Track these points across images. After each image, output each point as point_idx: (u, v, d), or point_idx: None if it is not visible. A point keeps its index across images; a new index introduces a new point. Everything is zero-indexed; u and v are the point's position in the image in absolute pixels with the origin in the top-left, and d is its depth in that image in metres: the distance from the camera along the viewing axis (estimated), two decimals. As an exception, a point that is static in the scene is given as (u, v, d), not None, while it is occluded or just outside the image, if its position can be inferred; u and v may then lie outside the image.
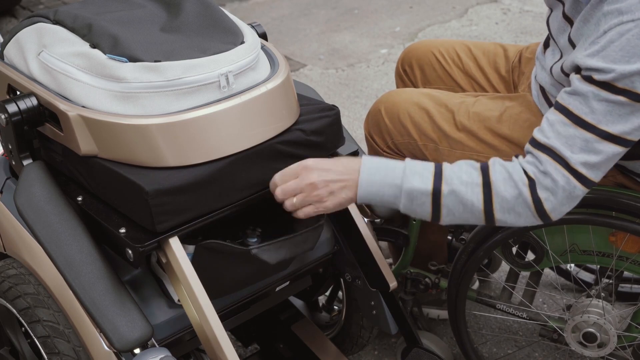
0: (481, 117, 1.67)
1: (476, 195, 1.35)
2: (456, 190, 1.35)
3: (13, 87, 1.45)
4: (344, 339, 1.92)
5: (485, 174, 1.36)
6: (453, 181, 1.36)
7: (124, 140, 1.30)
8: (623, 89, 1.26)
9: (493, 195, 1.35)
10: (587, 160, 1.31)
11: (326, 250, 1.66)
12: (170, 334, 1.44)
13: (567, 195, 1.33)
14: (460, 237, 1.85)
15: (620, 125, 1.29)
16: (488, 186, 1.35)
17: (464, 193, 1.35)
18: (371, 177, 1.38)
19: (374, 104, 1.85)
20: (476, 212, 1.37)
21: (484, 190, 1.35)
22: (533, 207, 1.34)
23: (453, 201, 1.36)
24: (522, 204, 1.34)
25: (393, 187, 1.37)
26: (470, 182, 1.35)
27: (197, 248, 1.35)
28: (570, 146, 1.31)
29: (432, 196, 1.36)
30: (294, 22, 4.44)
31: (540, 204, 1.34)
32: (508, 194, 1.34)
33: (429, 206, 1.37)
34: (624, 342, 1.66)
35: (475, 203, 1.35)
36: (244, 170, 1.35)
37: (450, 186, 1.36)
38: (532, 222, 1.38)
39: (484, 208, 1.36)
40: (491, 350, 2.09)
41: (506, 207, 1.35)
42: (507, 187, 1.34)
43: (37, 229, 1.33)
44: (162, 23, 1.42)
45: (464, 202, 1.36)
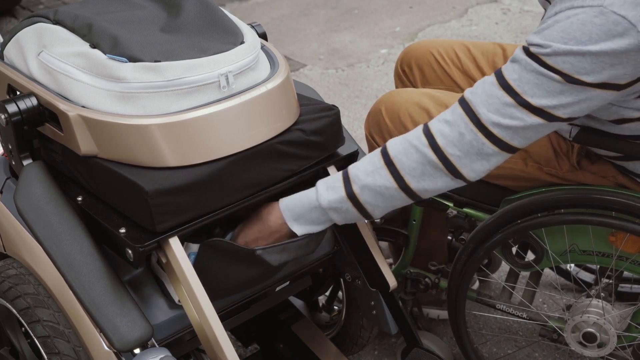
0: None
1: (385, 178, 1.36)
2: (366, 184, 1.37)
3: (13, 87, 1.45)
4: (344, 339, 1.92)
5: (384, 154, 1.37)
6: (359, 178, 1.38)
7: (124, 140, 1.30)
8: (553, 67, 1.26)
9: (399, 170, 1.35)
10: (500, 122, 1.30)
11: (326, 250, 1.66)
12: (170, 334, 1.44)
13: (475, 151, 1.33)
14: (460, 237, 1.85)
15: (545, 100, 1.28)
16: (391, 164, 1.36)
17: (373, 183, 1.37)
18: (295, 213, 1.42)
19: (375, 104, 1.85)
20: (395, 194, 1.37)
21: (390, 169, 1.36)
22: (441, 165, 1.34)
23: (369, 195, 1.38)
24: (429, 165, 1.34)
25: (316, 210, 1.42)
26: (374, 170, 1.37)
27: (202, 246, 1.35)
28: (488, 105, 1.31)
29: (350, 200, 1.40)
30: (294, 22, 4.44)
31: (447, 161, 1.34)
32: (412, 160, 1.35)
33: (354, 209, 1.41)
34: (624, 342, 1.66)
35: (389, 185, 1.37)
36: (244, 170, 1.35)
37: (359, 183, 1.38)
38: (450, 183, 1.37)
39: (399, 186, 1.36)
40: (491, 350, 2.09)
41: (417, 175, 1.35)
42: (408, 155, 1.35)
43: (37, 229, 1.33)
44: (162, 23, 1.42)
45: (379, 192, 1.37)
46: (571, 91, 1.28)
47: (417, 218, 1.85)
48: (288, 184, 1.44)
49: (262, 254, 1.35)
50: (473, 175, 1.37)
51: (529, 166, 1.62)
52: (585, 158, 1.59)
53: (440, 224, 1.88)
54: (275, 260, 1.38)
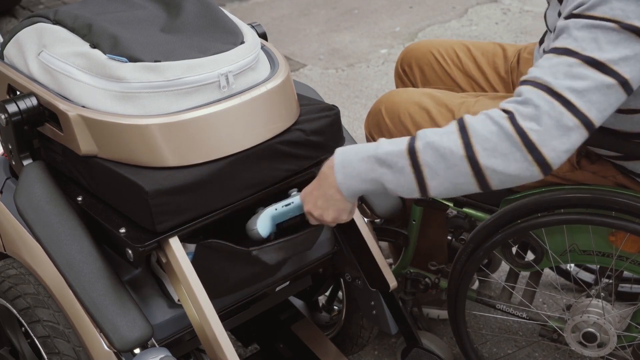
0: None
1: (453, 140, 1.23)
2: (431, 141, 1.25)
3: (13, 87, 1.45)
4: (344, 339, 1.92)
5: (460, 120, 1.26)
6: (426, 134, 1.26)
7: (124, 140, 1.30)
8: (603, 17, 1.21)
9: (471, 137, 1.22)
10: (572, 86, 1.21)
11: (326, 250, 1.66)
12: (170, 334, 1.44)
13: (554, 123, 1.21)
14: (460, 237, 1.85)
15: (606, 53, 1.22)
16: (464, 129, 1.24)
17: (439, 142, 1.24)
18: (343, 158, 1.32)
19: (375, 104, 1.85)
20: (459, 163, 1.23)
21: (461, 133, 1.23)
22: (519, 140, 1.20)
23: (431, 155, 1.24)
24: (505, 139, 1.21)
25: (366, 160, 1.29)
26: (444, 132, 1.25)
27: (198, 247, 1.35)
28: (554, 73, 1.23)
29: (408, 156, 1.26)
30: (294, 22, 4.44)
31: (525, 136, 1.20)
32: (486, 130, 1.22)
33: (410, 169, 1.26)
34: (624, 342, 1.66)
35: (455, 150, 1.23)
36: (244, 170, 1.35)
37: (424, 139, 1.25)
38: (526, 166, 1.22)
39: (466, 153, 1.22)
40: (491, 350, 2.09)
41: (489, 148, 1.21)
42: (484, 125, 1.23)
43: (37, 229, 1.33)
44: (162, 23, 1.42)
45: (442, 154, 1.24)
46: (628, 41, 1.21)
47: (417, 218, 1.85)
48: (288, 184, 1.44)
49: (258, 254, 1.35)
50: (553, 155, 1.21)
51: (529, 166, 1.61)
52: (585, 158, 1.59)
53: (440, 224, 1.88)
54: (272, 259, 1.38)
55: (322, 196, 1.35)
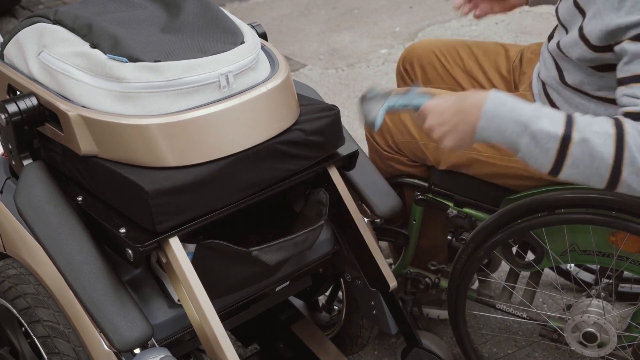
0: None
1: (608, 147, 1.22)
2: (588, 139, 1.23)
3: (13, 87, 1.45)
4: (344, 339, 1.92)
5: (618, 126, 1.24)
6: (585, 129, 1.24)
7: (124, 140, 1.30)
8: None
9: (624, 151, 1.21)
10: None
11: (326, 250, 1.66)
12: (170, 334, 1.44)
13: None
14: (461, 237, 1.85)
15: None
16: (621, 140, 1.22)
17: (595, 143, 1.23)
18: (496, 109, 1.30)
19: (375, 104, 1.85)
20: (602, 169, 1.24)
21: (617, 143, 1.22)
22: None
23: (582, 151, 1.24)
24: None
25: (518, 124, 1.28)
26: (603, 133, 1.23)
27: (198, 247, 1.35)
28: None
29: (560, 142, 1.25)
30: (294, 22, 4.44)
31: None
32: (639, 150, 1.21)
33: (554, 153, 1.26)
34: (624, 342, 1.66)
35: (606, 156, 1.23)
36: (244, 170, 1.35)
37: (583, 134, 1.24)
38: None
39: (613, 164, 1.23)
40: (491, 350, 2.09)
41: (636, 169, 1.22)
42: (638, 142, 1.22)
43: (37, 229, 1.33)
44: (162, 23, 1.42)
45: (593, 154, 1.23)
46: None
47: (417, 218, 1.85)
48: (288, 184, 1.44)
49: (258, 255, 1.35)
50: None
51: (530, 165, 1.61)
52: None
53: (441, 224, 1.88)
54: (272, 259, 1.37)
55: (452, 124, 1.34)
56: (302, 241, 1.43)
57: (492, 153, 1.65)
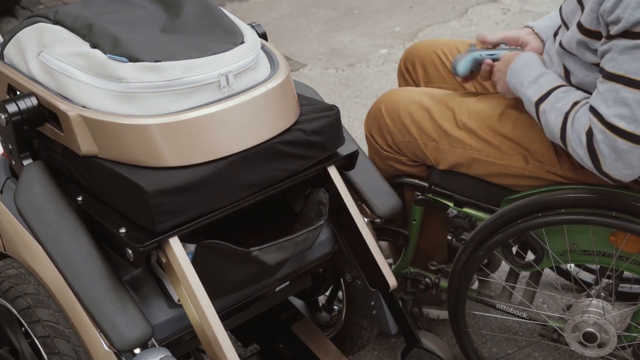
0: (482, 116, 1.67)
1: (557, 123, 1.47)
2: (546, 111, 1.49)
3: (13, 87, 1.45)
4: (344, 339, 1.92)
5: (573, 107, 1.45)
6: (549, 103, 1.49)
7: (124, 140, 1.30)
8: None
9: (567, 130, 1.45)
10: (620, 112, 1.35)
11: (326, 250, 1.66)
12: (170, 334, 1.44)
13: (611, 149, 1.37)
14: (461, 237, 1.85)
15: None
16: (566, 119, 1.45)
17: (548, 116, 1.48)
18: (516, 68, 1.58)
19: (374, 103, 1.85)
20: (557, 138, 1.48)
21: (563, 121, 1.45)
22: (588, 158, 1.42)
23: (543, 119, 1.50)
24: (580, 147, 1.42)
25: (521, 85, 1.55)
26: (560, 110, 1.47)
27: (198, 247, 1.35)
28: (605, 100, 1.37)
29: (534, 107, 1.52)
30: (294, 22, 4.44)
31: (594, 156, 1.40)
32: (573, 133, 1.43)
33: (534, 113, 1.53)
34: (624, 342, 1.66)
35: (555, 130, 1.47)
36: (244, 170, 1.35)
37: (546, 105, 1.49)
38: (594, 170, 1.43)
39: (560, 136, 1.47)
40: (491, 350, 2.09)
41: (574, 144, 1.43)
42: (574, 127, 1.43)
43: (37, 229, 1.33)
44: (162, 24, 1.42)
45: (548, 124, 1.49)
46: None
47: (417, 218, 1.85)
48: (288, 184, 1.44)
49: (258, 255, 1.35)
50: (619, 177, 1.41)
51: (530, 164, 1.62)
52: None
53: (441, 224, 1.88)
54: (272, 259, 1.37)
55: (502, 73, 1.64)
56: (302, 241, 1.43)
57: (492, 152, 1.65)
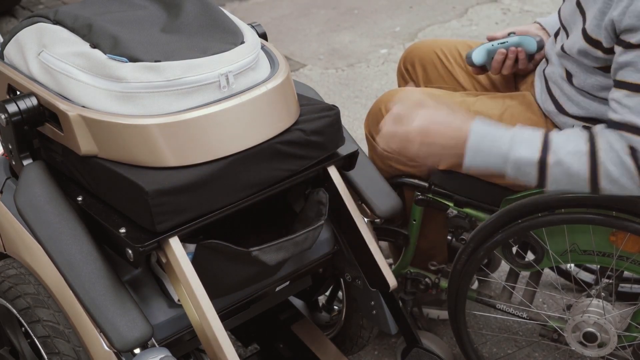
0: (482, 116, 1.67)
1: (582, 165, 1.33)
2: (562, 160, 1.33)
3: (13, 87, 1.45)
4: (344, 339, 1.92)
5: (592, 142, 1.33)
6: (560, 151, 1.34)
7: (124, 140, 1.30)
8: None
9: (599, 165, 1.32)
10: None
11: (326, 250, 1.66)
12: (170, 334, 1.44)
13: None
14: (461, 237, 1.85)
15: None
16: (594, 156, 1.32)
17: (569, 164, 1.33)
18: (478, 146, 1.39)
19: (375, 103, 1.85)
20: (581, 183, 1.35)
21: (590, 159, 1.32)
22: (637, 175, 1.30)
23: (559, 172, 1.34)
24: (627, 175, 1.31)
25: (499, 156, 1.38)
26: (576, 152, 1.33)
27: (198, 247, 1.35)
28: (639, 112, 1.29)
29: (538, 167, 1.35)
30: (294, 22, 4.44)
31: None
32: (612, 164, 1.31)
33: (535, 175, 1.37)
34: (624, 342, 1.66)
35: (581, 173, 1.33)
36: (244, 170, 1.35)
37: (557, 156, 1.34)
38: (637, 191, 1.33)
39: (590, 178, 1.34)
40: (491, 350, 2.09)
41: (612, 180, 1.32)
42: (611, 158, 1.31)
43: (37, 229, 1.33)
44: (162, 24, 1.42)
45: (570, 173, 1.34)
46: None
47: (417, 218, 1.85)
48: (288, 184, 1.44)
49: (258, 255, 1.35)
50: None
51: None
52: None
53: (441, 224, 1.88)
54: (272, 259, 1.37)
55: (437, 155, 1.45)
56: (302, 241, 1.43)
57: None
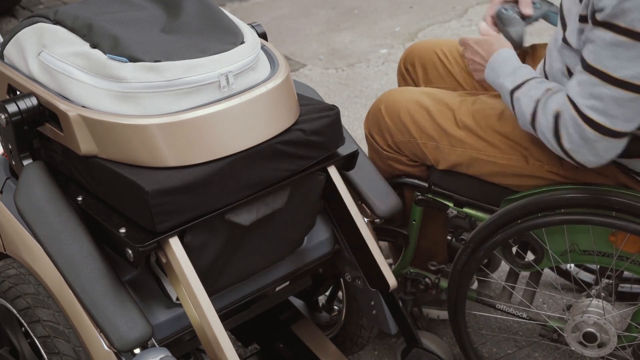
0: (482, 115, 1.67)
1: (529, 107, 1.50)
2: (520, 98, 1.53)
3: (13, 87, 1.45)
4: (344, 339, 1.92)
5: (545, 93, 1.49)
6: (524, 91, 1.53)
7: (124, 140, 1.30)
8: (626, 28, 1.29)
9: (537, 112, 1.48)
10: (594, 105, 1.38)
11: (326, 250, 1.66)
12: (170, 334, 1.44)
13: (579, 136, 1.41)
14: (461, 237, 1.85)
15: (626, 71, 1.33)
16: (537, 103, 1.49)
17: (523, 103, 1.52)
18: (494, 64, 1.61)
19: (374, 103, 1.85)
20: (527, 121, 1.51)
21: (534, 105, 1.49)
22: (554, 140, 1.46)
23: (517, 106, 1.53)
24: (547, 129, 1.46)
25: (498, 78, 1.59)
26: (531, 96, 1.51)
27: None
28: (582, 91, 1.39)
29: (509, 96, 1.55)
30: (294, 22, 4.44)
31: (559, 139, 1.45)
32: (543, 115, 1.47)
33: (510, 104, 1.56)
34: (624, 342, 1.66)
35: (526, 114, 1.51)
36: (244, 170, 1.35)
37: (520, 94, 1.53)
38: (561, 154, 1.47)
39: (531, 120, 1.50)
40: (491, 350, 2.09)
41: (543, 128, 1.47)
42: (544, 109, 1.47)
43: (37, 229, 1.33)
44: (162, 24, 1.42)
45: (522, 110, 1.52)
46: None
47: (417, 218, 1.85)
48: (288, 184, 1.44)
49: (230, 217, 1.36)
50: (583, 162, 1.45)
51: (530, 164, 1.62)
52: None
53: (441, 224, 1.88)
54: (245, 220, 1.38)
55: (478, 64, 1.68)
56: (274, 200, 1.43)
57: (492, 152, 1.65)
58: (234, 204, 1.36)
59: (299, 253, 1.62)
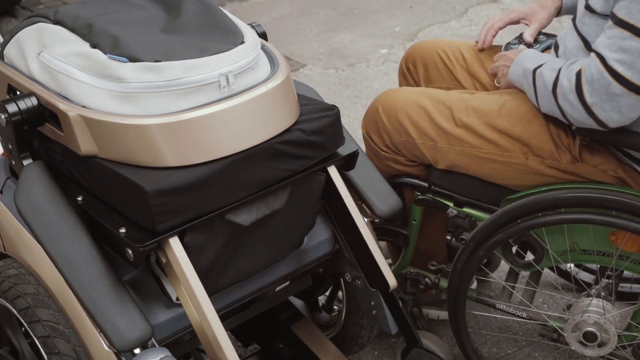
0: (480, 113, 1.67)
1: (551, 77, 1.53)
2: (543, 72, 1.56)
3: (13, 87, 1.45)
4: (344, 339, 1.93)
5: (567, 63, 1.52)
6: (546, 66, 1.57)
7: (124, 140, 1.30)
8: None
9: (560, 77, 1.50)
10: (622, 58, 1.39)
11: (326, 250, 1.66)
12: (170, 334, 1.44)
13: (604, 90, 1.42)
14: (460, 237, 1.85)
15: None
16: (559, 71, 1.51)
17: (545, 75, 1.54)
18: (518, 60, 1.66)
19: (372, 103, 1.85)
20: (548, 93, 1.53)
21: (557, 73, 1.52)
22: (576, 97, 1.47)
23: (540, 82, 1.56)
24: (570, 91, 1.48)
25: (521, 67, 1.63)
26: (553, 68, 1.54)
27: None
28: (610, 45, 1.41)
29: (532, 75, 1.59)
30: (294, 22, 4.44)
31: (581, 93, 1.45)
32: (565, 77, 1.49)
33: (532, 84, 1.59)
34: (624, 341, 1.66)
35: (548, 84, 1.53)
36: (244, 170, 1.35)
37: (543, 69, 1.56)
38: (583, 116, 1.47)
39: (552, 88, 1.52)
40: (491, 350, 2.09)
41: (565, 90, 1.49)
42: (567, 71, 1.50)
43: (37, 229, 1.33)
44: (162, 24, 1.42)
45: (544, 84, 1.54)
46: None
47: (417, 218, 1.85)
48: (288, 184, 1.44)
49: (230, 217, 1.36)
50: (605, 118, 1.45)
51: (530, 160, 1.62)
52: (587, 149, 1.59)
53: (440, 223, 1.88)
54: (245, 220, 1.38)
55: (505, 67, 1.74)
56: (274, 200, 1.43)
57: (491, 149, 1.65)
58: (234, 204, 1.36)
59: (299, 253, 1.62)
